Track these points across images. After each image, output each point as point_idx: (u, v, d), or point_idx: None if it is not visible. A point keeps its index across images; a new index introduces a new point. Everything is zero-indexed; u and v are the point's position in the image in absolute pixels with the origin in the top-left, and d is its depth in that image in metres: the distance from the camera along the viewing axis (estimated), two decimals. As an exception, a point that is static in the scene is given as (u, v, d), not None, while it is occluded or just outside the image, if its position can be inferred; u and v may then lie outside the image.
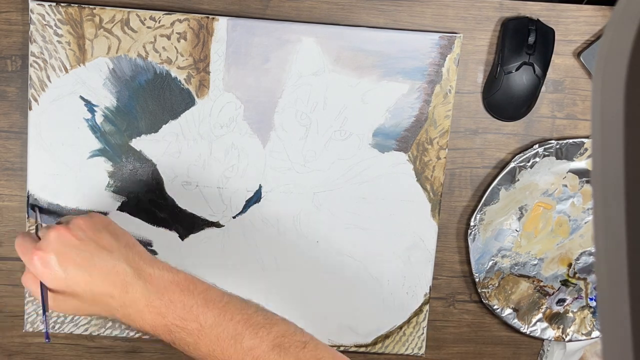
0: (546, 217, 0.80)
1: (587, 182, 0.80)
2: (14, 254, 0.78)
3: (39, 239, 0.63)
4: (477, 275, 0.80)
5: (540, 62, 0.76)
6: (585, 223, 0.81)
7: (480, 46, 0.78)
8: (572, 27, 0.78)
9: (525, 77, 0.76)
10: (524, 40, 0.75)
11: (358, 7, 0.76)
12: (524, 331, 0.82)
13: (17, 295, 0.79)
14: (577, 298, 0.83)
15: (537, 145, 0.78)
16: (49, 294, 0.61)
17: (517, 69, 0.75)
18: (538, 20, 0.76)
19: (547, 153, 0.78)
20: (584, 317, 0.83)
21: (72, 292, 0.61)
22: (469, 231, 0.79)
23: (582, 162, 0.79)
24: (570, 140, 0.79)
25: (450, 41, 0.76)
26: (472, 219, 0.79)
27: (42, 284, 0.61)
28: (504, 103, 0.77)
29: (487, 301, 0.81)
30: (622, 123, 0.26)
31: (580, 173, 0.80)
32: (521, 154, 0.78)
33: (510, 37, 0.76)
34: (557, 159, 0.79)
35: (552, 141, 0.78)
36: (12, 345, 0.80)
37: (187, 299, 0.60)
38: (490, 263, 0.81)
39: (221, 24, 0.74)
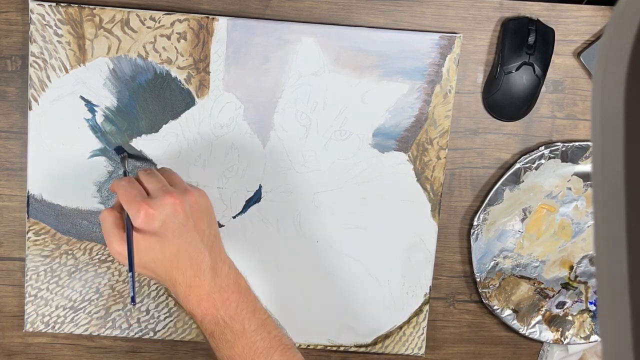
0: (549, 220, 0.80)
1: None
2: (14, 254, 0.78)
3: (143, 187, 0.66)
4: (478, 275, 0.80)
5: (540, 62, 0.76)
6: (588, 227, 0.81)
7: (480, 46, 0.78)
8: (572, 27, 0.78)
9: (525, 77, 0.76)
10: (524, 40, 0.75)
11: (358, 7, 0.76)
12: (523, 332, 0.82)
13: (17, 295, 0.79)
14: (577, 301, 0.83)
15: (542, 147, 0.78)
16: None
17: (517, 69, 0.75)
18: (538, 20, 0.76)
19: (552, 155, 0.78)
20: (583, 321, 0.83)
21: (153, 255, 0.64)
22: (472, 230, 0.79)
23: (587, 166, 0.79)
24: (576, 143, 0.79)
25: (450, 41, 0.76)
26: (476, 219, 0.79)
27: (129, 227, 0.64)
28: (504, 103, 0.77)
29: (487, 301, 0.81)
30: (622, 123, 0.26)
31: (585, 176, 0.80)
32: (526, 155, 0.78)
33: (510, 37, 0.76)
34: (563, 161, 0.79)
35: (558, 143, 0.78)
36: (12, 345, 0.80)
37: (241, 302, 0.66)
38: (492, 263, 0.81)
39: (221, 24, 0.74)
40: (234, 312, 0.65)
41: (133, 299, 0.65)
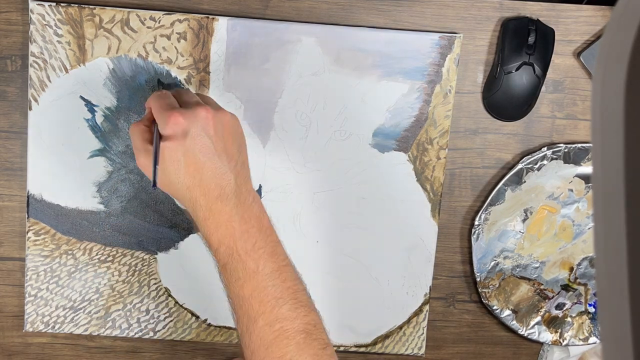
0: (550, 221, 0.80)
1: None
2: (14, 253, 0.78)
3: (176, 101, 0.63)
4: (478, 275, 0.80)
5: (540, 62, 0.76)
6: (589, 228, 0.81)
7: (480, 46, 0.78)
8: (572, 27, 0.78)
9: (525, 77, 0.76)
10: (524, 40, 0.75)
11: (358, 7, 0.76)
12: (522, 333, 0.82)
13: (17, 295, 0.79)
14: (576, 303, 0.83)
15: (545, 148, 0.78)
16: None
17: (517, 69, 0.75)
18: (538, 20, 0.76)
19: (555, 156, 0.78)
20: (582, 323, 0.83)
21: (177, 167, 0.61)
22: (473, 230, 0.79)
23: (589, 167, 0.79)
24: (579, 145, 0.79)
25: (450, 41, 0.76)
26: (477, 219, 0.79)
27: (157, 137, 0.61)
28: (504, 103, 0.77)
29: (487, 301, 0.81)
30: (622, 123, 0.26)
31: (587, 178, 0.80)
32: (529, 156, 0.78)
33: (510, 37, 0.76)
34: (565, 162, 0.79)
35: (561, 145, 0.78)
36: (12, 345, 0.80)
37: (260, 240, 0.62)
38: (492, 263, 0.81)
39: (221, 24, 0.74)
40: (251, 248, 0.61)
41: (155, 183, 0.61)
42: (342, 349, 0.81)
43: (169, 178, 0.61)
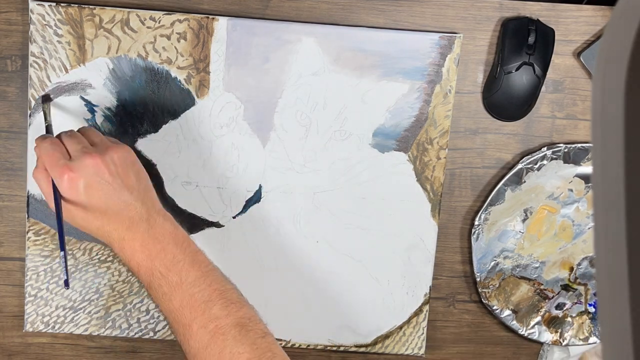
0: (550, 221, 0.80)
1: None
2: (14, 253, 0.78)
3: (65, 148, 0.65)
4: (478, 275, 0.80)
5: (540, 62, 0.76)
6: (589, 228, 0.81)
7: (480, 46, 0.78)
8: (572, 27, 0.78)
9: (525, 77, 0.76)
10: (524, 40, 0.75)
11: (358, 7, 0.76)
12: (522, 333, 0.82)
13: (17, 295, 0.79)
14: (576, 303, 0.83)
15: (545, 148, 0.78)
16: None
17: (517, 69, 0.75)
18: (538, 20, 0.76)
19: (554, 156, 0.78)
20: (582, 323, 0.83)
21: (83, 215, 0.64)
22: (473, 230, 0.79)
23: (589, 167, 0.79)
24: (579, 145, 0.79)
25: (450, 41, 0.76)
26: (477, 219, 0.79)
27: (57, 201, 0.64)
28: (504, 103, 0.77)
29: (487, 301, 0.81)
30: (622, 123, 0.26)
31: (587, 178, 0.79)
32: (529, 156, 0.78)
33: (510, 37, 0.76)
34: (565, 162, 0.79)
35: (560, 145, 0.78)
36: (12, 345, 0.80)
37: (178, 253, 0.64)
38: (492, 263, 0.81)
39: (221, 24, 0.74)
40: (170, 263, 0.63)
41: (66, 282, 0.64)
42: (342, 349, 0.81)
43: (77, 224, 0.65)
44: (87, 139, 0.67)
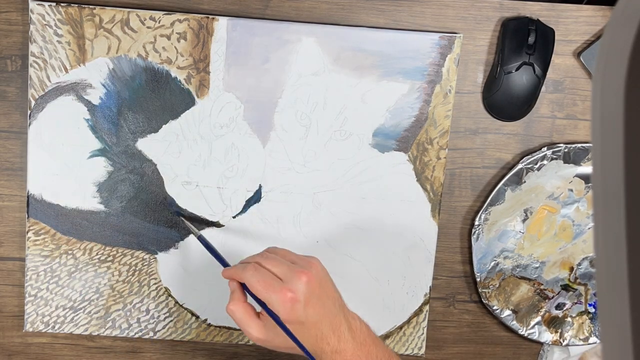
0: (550, 221, 0.80)
1: None
2: (14, 253, 0.78)
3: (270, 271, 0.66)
4: (478, 275, 0.80)
5: (540, 62, 0.76)
6: (589, 228, 0.81)
7: (480, 46, 0.78)
8: (572, 27, 0.78)
9: (525, 77, 0.76)
10: (524, 40, 0.75)
11: (358, 7, 0.76)
12: (522, 333, 0.82)
13: (17, 295, 0.79)
14: (576, 303, 0.83)
15: (545, 148, 0.78)
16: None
17: (517, 69, 0.75)
18: (538, 20, 0.76)
19: (555, 156, 0.78)
20: (582, 323, 0.83)
21: (299, 334, 0.65)
22: (473, 230, 0.79)
23: (589, 167, 0.79)
24: (579, 145, 0.79)
25: (450, 41, 0.76)
26: (477, 219, 0.79)
27: (286, 329, 0.65)
28: (504, 103, 0.77)
29: (487, 301, 0.81)
30: (622, 123, 0.26)
31: (587, 178, 0.79)
32: (529, 156, 0.78)
33: (510, 37, 0.76)
34: (565, 162, 0.79)
35: (561, 145, 0.78)
36: (12, 345, 0.80)
37: (378, 351, 0.67)
38: (492, 264, 0.81)
39: (221, 24, 0.74)
40: None
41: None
42: (342, 349, 0.81)
43: (292, 344, 0.65)
44: (282, 257, 0.68)
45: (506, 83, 0.76)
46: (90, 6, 0.73)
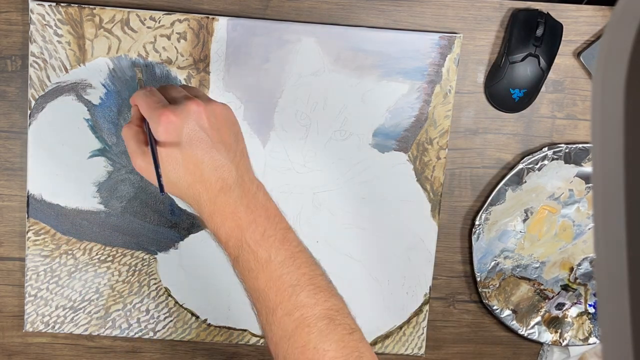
0: (551, 221, 0.80)
1: None
2: (14, 253, 0.78)
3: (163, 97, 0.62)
4: (478, 275, 0.80)
5: (546, 55, 0.75)
6: (589, 229, 0.81)
7: (480, 46, 0.78)
8: (572, 27, 0.78)
9: (529, 69, 0.75)
10: (532, 32, 0.75)
11: (358, 7, 0.76)
12: (522, 333, 0.82)
13: (17, 295, 0.79)
14: (576, 303, 0.83)
15: (546, 148, 0.78)
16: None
17: (522, 60, 0.75)
18: (548, 13, 0.76)
19: (555, 156, 0.78)
20: (582, 323, 0.83)
21: (176, 166, 0.59)
22: (473, 230, 0.79)
23: (590, 168, 0.79)
24: (580, 145, 0.79)
25: (450, 41, 0.76)
26: (477, 218, 0.79)
27: (152, 139, 0.60)
28: (506, 93, 0.77)
29: (487, 301, 0.81)
30: (622, 123, 0.26)
31: (587, 178, 0.79)
32: (529, 156, 0.78)
33: (518, 28, 0.75)
34: (566, 163, 0.79)
35: (561, 145, 0.78)
36: (12, 345, 0.80)
37: (269, 228, 0.60)
38: (493, 263, 0.81)
39: (221, 24, 0.74)
40: (261, 237, 0.59)
41: (162, 189, 0.59)
42: (342, 349, 0.81)
43: (168, 178, 0.60)
44: (188, 91, 0.63)
45: (510, 73, 0.76)
46: (90, 6, 0.73)
